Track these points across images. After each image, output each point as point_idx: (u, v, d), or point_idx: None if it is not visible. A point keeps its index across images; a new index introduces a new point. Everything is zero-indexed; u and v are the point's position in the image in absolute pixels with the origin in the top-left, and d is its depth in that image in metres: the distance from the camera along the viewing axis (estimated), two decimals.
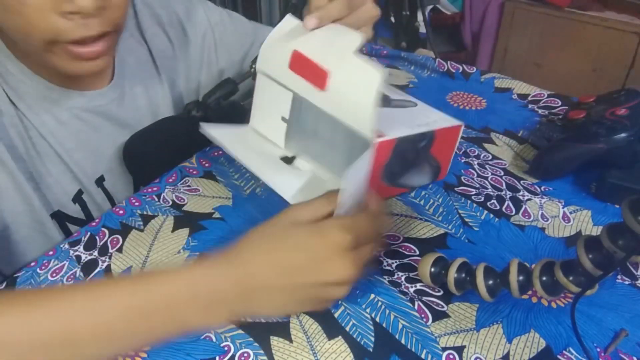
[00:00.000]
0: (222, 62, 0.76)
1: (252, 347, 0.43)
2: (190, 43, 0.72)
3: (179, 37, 0.71)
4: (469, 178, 0.63)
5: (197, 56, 0.73)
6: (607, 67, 1.69)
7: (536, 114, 0.76)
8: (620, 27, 1.63)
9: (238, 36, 0.77)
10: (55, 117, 0.58)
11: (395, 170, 0.53)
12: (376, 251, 0.46)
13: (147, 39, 0.67)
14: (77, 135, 0.60)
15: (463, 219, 0.56)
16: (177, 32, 0.71)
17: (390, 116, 0.55)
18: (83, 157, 0.61)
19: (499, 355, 0.43)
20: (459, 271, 0.45)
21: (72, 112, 0.59)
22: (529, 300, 0.47)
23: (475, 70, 0.88)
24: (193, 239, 0.53)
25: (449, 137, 0.57)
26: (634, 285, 0.49)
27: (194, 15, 0.72)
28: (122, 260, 0.51)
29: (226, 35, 0.76)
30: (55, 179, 0.58)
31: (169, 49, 0.70)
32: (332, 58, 0.48)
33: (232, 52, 0.76)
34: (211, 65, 0.75)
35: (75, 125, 0.59)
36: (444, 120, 0.57)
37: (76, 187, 0.61)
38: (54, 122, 0.58)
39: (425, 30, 1.09)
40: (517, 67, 1.87)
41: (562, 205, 0.58)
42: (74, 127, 0.59)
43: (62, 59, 0.51)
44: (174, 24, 0.70)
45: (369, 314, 0.46)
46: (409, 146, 0.52)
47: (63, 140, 0.58)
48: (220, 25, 0.75)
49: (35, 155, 0.57)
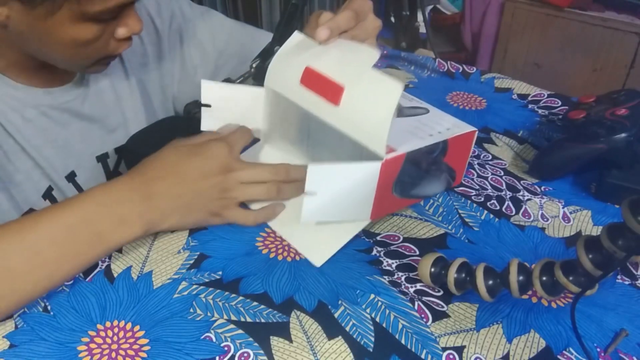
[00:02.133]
0: (195, 58, 0.76)
1: (252, 347, 0.43)
2: (162, 39, 0.72)
3: (149, 33, 0.71)
4: (468, 178, 0.63)
5: (169, 50, 0.73)
6: (607, 67, 1.69)
7: (536, 114, 0.76)
8: (620, 27, 1.63)
9: (213, 33, 0.77)
10: (21, 114, 0.58)
11: (407, 182, 0.52)
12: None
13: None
14: (44, 132, 0.60)
15: (463, 219, 0.56)
16: (147, 29, 0.71)
17: (402, 126, 0.53)
18: (52, 153, 0.61)
19: (499, 355, 0.43)
20: (459, 271, 0.45)
21: (39, 109, 0.59)
22: (529, 300, 0.47)
23: (475, 70, 0.88)
24: (193, 239, 0.53)
25: (462, 144, 0.55)
26: (634, 285, 0.49)
27: (165, 10, 0.73)
28: (122, 260, 0.51)
29: (200, 31, 0.76)
30: (24, 176, 0.59)
31: (137, 45, 0.70)
32: (348, 74, 0.48)
33: (206, 49, 0.76)
34: (185, 61, 0.75)
35: (42, 122, 0.60)
36: (457, 127, 0.55)
37: (46, 184, 0.61)
38: (20, 119, 0.58)
39: (425, 30, 1.10)
40: (517, 67, 1.87)
41: (562, 205, 0.58)
42: (41, 124, 0.60)
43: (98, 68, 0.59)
44: (144, 20, 0.70)
45: (369, 314, 0.46)
46: (421, 158, 0.51)
47: (30, 137, 0.59)
48: (193, 21, 0.75)
49: (2, 154, 0.57)
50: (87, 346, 0.42)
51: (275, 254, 0.51)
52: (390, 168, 0.48)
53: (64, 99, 0.61)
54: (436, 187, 0.57)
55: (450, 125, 0.55)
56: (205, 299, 0.47)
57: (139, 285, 0.48)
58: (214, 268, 0.50)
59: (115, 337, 0.43)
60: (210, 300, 0.47)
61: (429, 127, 0.54)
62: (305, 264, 0.50)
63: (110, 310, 0.46)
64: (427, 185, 0.56)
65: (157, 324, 0.44)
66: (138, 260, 0.51)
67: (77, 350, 0.42)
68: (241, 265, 0.50)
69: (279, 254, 0.51)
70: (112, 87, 0.67)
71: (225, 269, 0.50)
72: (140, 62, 0.70)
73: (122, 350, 0.42)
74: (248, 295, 0.47)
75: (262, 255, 0.51)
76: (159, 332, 0.44)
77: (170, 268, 0.50)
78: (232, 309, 0.46)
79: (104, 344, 0.43)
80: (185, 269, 0.50)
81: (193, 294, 0.47)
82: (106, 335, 0.43)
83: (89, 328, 0.44)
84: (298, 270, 0.50)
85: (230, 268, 0.50)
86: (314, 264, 0.50)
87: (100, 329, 0.44)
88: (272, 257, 0.51)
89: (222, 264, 0.50)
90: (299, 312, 0.46)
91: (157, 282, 0.48)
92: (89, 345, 0.42)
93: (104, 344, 0.43)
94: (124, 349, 0.42)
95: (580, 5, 1.69)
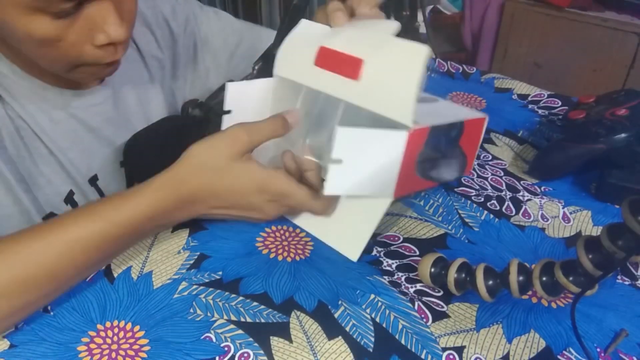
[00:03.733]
0: (207, 61, 0.76)
1: (252, 347, 0.43)
2: (177, 42, 0.72)
3: (166, 37, 0.71)
4: (468, 178, 0.63)
5: (184, 55, 0.73)
6: (607, 67, 1.69)
7: (536, 114, 0.76)
8: (620, 27, 1.63)
9: (224, 35, 0.77)
10: (49, 116, 0.58)
11: (427, 162, 0.50)
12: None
13: (134, 37, 0.68)
14: (71, 135, 0.60)
15: (463, 219, 0.56)
16: (163, 32, 0.71)
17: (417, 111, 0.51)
18: (77, 156, 0.61)
19: (499, 355, 0.43)
20: (459, 271, 0.45)
21: (67, 111, 0.59)
22: (529, 300, 0.47)
23: (475, 71, 0.88)
24: (193, 239, 0.53)
25: (474, 130, 0.55)
26: (634, 285, 0.49)
27: (180, 13, 0.72)
28: (122, 260, 0.51)
29: (211, 34, 0.76)
30: (47, 179, 0.58)
31: (155, 49, 0.70)
32: (366, 47, 0.46)
33: (218, 51, 0.76)
34: (197, 64, 0.75)
35: (70, 124, 0.60)
36: (469, 113, 0.54)
37: (69, 187, 0.61)
38: (47, 121, 0.58)
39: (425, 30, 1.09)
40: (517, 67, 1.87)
41: (562, 205, 0.58)
42: (69, 127, 0.59)
43: (84, 76, 0.56)
44: (160, 24, 0.70)
45: (369, 314, 0.46)
46: (441, 136, 0.49)
47: (57, 139, 0.58)
48: (205, 24, 0.75)
49: (27, 156, 0.57)
50: (87, 346, 0.42)
51: (275, 254, 0.51)
52: (415, 140, 0.46)
53: (93, 102, 0.61)
54: (452, 172, 0.56)
55: (461, 112, 0.55)
56: (205, 299, 0.47)
57: (139, 285, 0.48)
58: (214, 268, 0.50)
59: (115, 337, 0.43)
60: (210, 300, 0.47)
61: (444, 111, 0.53)
62: (305, 264, 0.50)
63: (110, 310, 0.46)
64: (444, 168, 0.54)
65: (157, 324, 0.44)
66: (138, 261, 0.51)
67: (77, 351, 0.42)
68: (241, 265, 0.50)
69: (279, 254, 0.51)
70: (135, 91, 0.67)
71: (225, 269, 0.50)
72: (158, 66, 0.70)
73: (122, 351, 0.42)
74: (248, 295, 0.47)
75: (262, 255, 0.51)
76: (159, 332, 0.44)
77: (170, 268, 0.50)
78: (232, 309, 0.46)
79: (104, 344, 0.43)
80: (185, 269, 0.50)
81: (193, 294, 0.47)
82: (106, 336, 0.43)
83: (89, 328, 0.44)
84: (298, 270, 0.50)
85: (230, 268, 0.50)
86: (351, 259, 0.50)
87: (100, 329, 0.44)
88: (272, 257, 0.51)
89: (222, 264, 0.50)
90: (299, 312, 0.46)
91: (157, 282, 0.48)
92: (89, 346, 0.42)
93: (104, 344, 0.43)
94: (124, 349, 0.42)
95: (580, 5, 1.69)
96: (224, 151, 0.48)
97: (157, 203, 0.47)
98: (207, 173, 0.48)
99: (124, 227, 0.46)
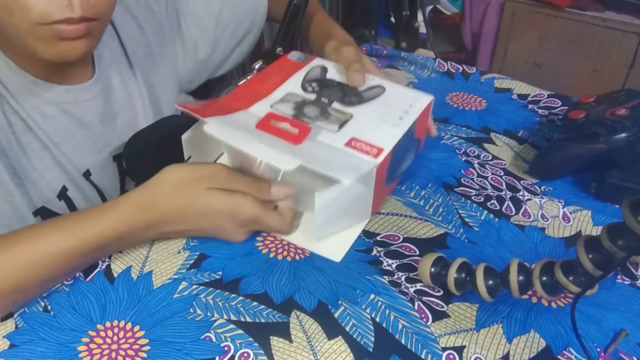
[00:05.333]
0: (194, 33, 0.75)
1: (252, 347, 0.43)
2: (162, 23, 0.72)
3: (149, 20, 0.70)
4: (468, 178, 0.63)
5: (170, 33, 0.73)
6: (607, 67, 1.69)
7: (536, 114, 0.76)
8: (620, 27, 1.62)
9: (205, 2, 0.76)
10: (41, 111, 0.58)
11: (391, 169, 0.53)
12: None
13: (117, 29, 0.67)
14: (63, 129, 0.60)
15: (463, 219, 0.56)
16: (145, 15, 0.70)
17: (370, 114, 0.55)
18: (70, 150, 0.61)
19: (499, 355, 0.43)
20: (459, 271, 0.45)
21: (59, 106, 0.59)
22: (529, 300, 0.47)
23: (475, 71, 0.88)
24: (193, 239, 0.53)
25: (424, 114, 0.57)
26: (634, 285, 0.49)
27: None
28: (122, 260, 0.51)
29: (193, 4, 0.75)
30: (40, 174, 0.59)
31: (139, 36, 0.69)
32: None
33: (203, 20, 0.76)
34: (185, 40, 0.75)
35: (62, 119, 0.60)
36: (417, 100, 0.57)
37: (62, 182, 0.61)
38: (40, 116, 0.58)
39: (425, 30, 1.09)
40: (517, 67, 1.86)
41: (562, 205, 0.58)
42: (61, 121, 0.60)
43: (46, 41, 0.51)
44: (141, 7, 0.70)
45: (369, 314, 0.46)
46: (400, 144, 0.52)
47: (50, 133, 0.59)
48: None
49: (19, 150, 0.57)
50: (87, 346, 0.42)
51: (275, 254, 0.51)
52: (382, 167, 0.50)
53: (84, 96, 0.61)
54: (409, 160, 0.60)
55: (411, 100, 0.57)
56: (205, 299, 0.47)
57: (139, 285, 0.48)
58: (214, 268, 0.50)
59: (115, 337, 0.43)
60: (210, 300, 0.47)
61: (395, 108, 0.56)
62: (305, 264, 0.50)
63: (110, 310, 0.46)
64: (406, 162, 0.58)
65: (157, 324, 0.44)
66: (138, 260, 0.51)
67: (77, 351, 0.42)
68: (241, 265, 0.50)
69: (279, 254, 0.51)
70: (123, 84, 0.67)
71: (225, 269, 0.50)
72: (145, 52, 0.70)
73: (122, 351, 0.42)
74: (248, 295, 0.47)
75: (262, 255, 0.51)
76: (159, 332, 0.44)
77: (170, 268, 0.50)
78: (232, 309, 0.46)
79: (104, 344, 0.43)
80: (185, 269, 0.50)
81: (193, 294, 0.47)
82: (106, 335, 0.43)
83: (89, 328, 0.44)
84: (298, 270, 0.50)
85: (230, 268, 0.50)
86: (334, 259, 0.51)
87: (100, 329, 0.44)
88: (272, 257, 0.51)
89: (222, 264, 0.50)
90: (299, 312, 0.46)
91: (157, 282, 0.48)
92: (89, 346, 0.43)
93: (104, 344, 0.43)
94: (124, 349, 0.42)
95: (580, 5, 1.69)
96: (201, 183, 0.49)
97: (126, 223, 0.48)
98: (179, 199, 0.49)
99: (91, 244, 0.46)
